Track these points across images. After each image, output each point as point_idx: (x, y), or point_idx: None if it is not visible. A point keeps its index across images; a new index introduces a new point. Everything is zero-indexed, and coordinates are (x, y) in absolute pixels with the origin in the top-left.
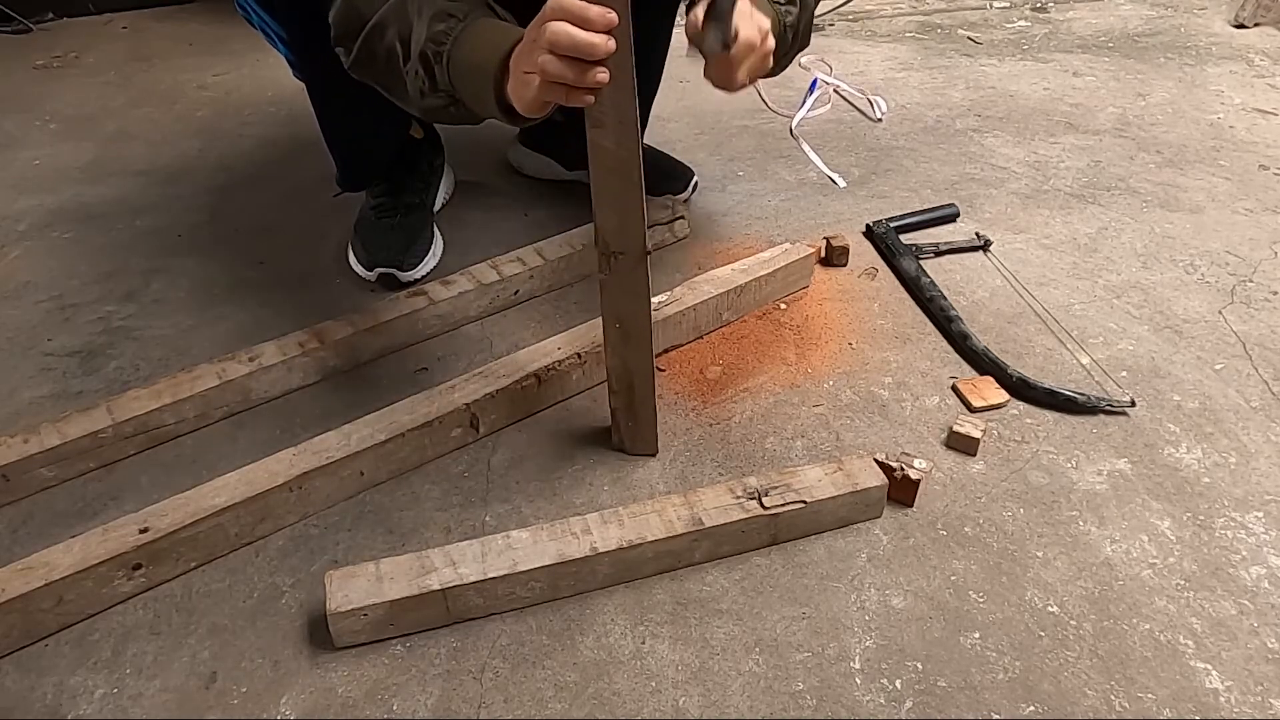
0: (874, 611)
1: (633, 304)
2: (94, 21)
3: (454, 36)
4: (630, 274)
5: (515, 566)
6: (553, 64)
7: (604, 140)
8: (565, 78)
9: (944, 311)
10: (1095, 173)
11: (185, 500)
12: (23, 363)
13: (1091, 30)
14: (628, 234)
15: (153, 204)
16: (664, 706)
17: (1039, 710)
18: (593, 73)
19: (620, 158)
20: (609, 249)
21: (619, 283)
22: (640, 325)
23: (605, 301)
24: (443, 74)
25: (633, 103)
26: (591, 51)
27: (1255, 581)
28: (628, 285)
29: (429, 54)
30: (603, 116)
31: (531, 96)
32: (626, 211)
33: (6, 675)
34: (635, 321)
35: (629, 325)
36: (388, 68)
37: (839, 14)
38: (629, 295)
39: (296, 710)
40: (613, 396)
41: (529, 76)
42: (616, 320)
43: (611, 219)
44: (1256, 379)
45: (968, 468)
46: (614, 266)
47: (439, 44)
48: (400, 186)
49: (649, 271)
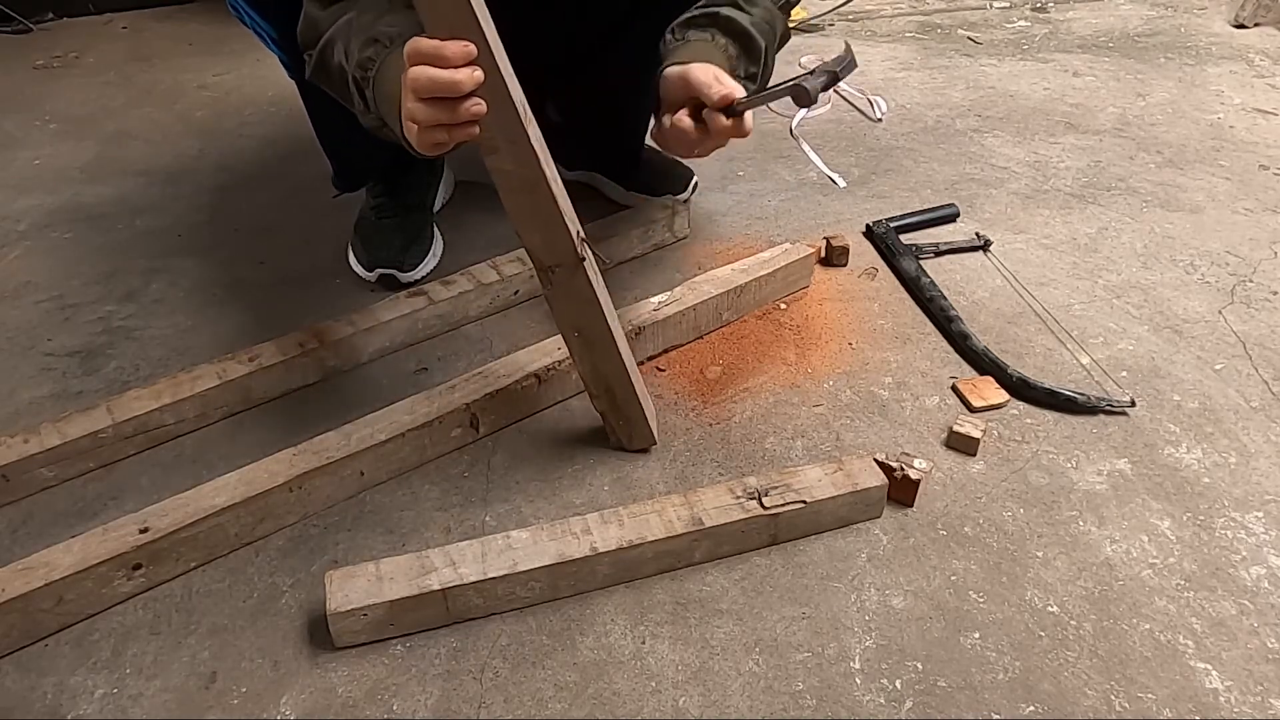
0: (874, 611)
1: (585, 311)
2: (94, 21)
3: (377, 64)
4: (571, 284)
5: (515, 566)
6: (420, 110)
7: (503, 164)
8: (439, 120)
9: (944, 311)
10: (1095, 173)
11: (185, 500)
12: (23, 363)
13: (1091, 30)
14: (555, 247)
15: (153, 204)
16: (664, 706)
17: (1039, 710)
18: (465, 106)
19: (524, 176)
20: (542, 265)
21: (564, 294)
22: (599, 330)
23: (556, 315)
24: (371, 99)
25: (518, 118)
26: (456, 89)
27: (1255, 581)
28: (574, 294)
29: (358, 79)
30: (493, 142)
31: (415, 142)
32: (547, 226)
33: (6, 675)
34: (593, 327)
35: (588, 333)
36: (340, 83)
37: (839, 14)
38: (578, 304)
39: (296, 710)
40: (596, 401)
41: (409, 124)
42: (575, 330)
43: (534, 236)
44: (1256, 379)
45: (968, 468)
46: (554, 280)
47: (364, 70)
48: (400, 187)
49: (592, 276)
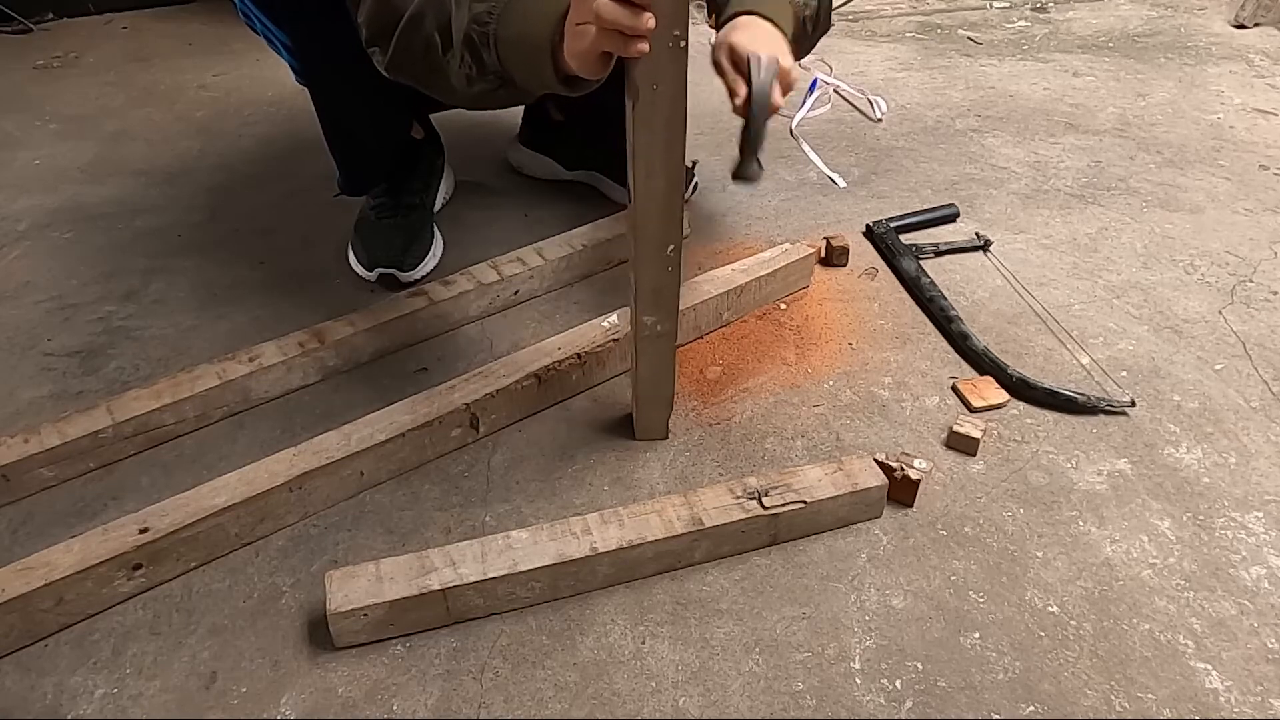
0: (874, 611)
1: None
2: (94, 21)
3: (498, 14)
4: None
5: (515, 566)
6: (609, 9)
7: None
8: (621, 24)
9: (944, 311)
10: (1095, 173)
11: (185, 500)
12: (23, 363)
13: (1091, 30)
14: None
15: (153, 204)
16: (664, 706)
17: (1039, 710)
18: (644, 17)
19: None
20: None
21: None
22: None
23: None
24: (490, 55)
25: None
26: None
27: (1255, 581)
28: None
29: (474, 36)
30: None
31: (586, 48)
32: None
33: (6, 675)
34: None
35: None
36: (426, 61)
37: (839, 14)
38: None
39: (296, 710)
40: (640, 380)
41: (583, 27)
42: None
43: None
44: (1256, 379)
45: (968, 468)
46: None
47: (483, 24)
48: (400, 187)
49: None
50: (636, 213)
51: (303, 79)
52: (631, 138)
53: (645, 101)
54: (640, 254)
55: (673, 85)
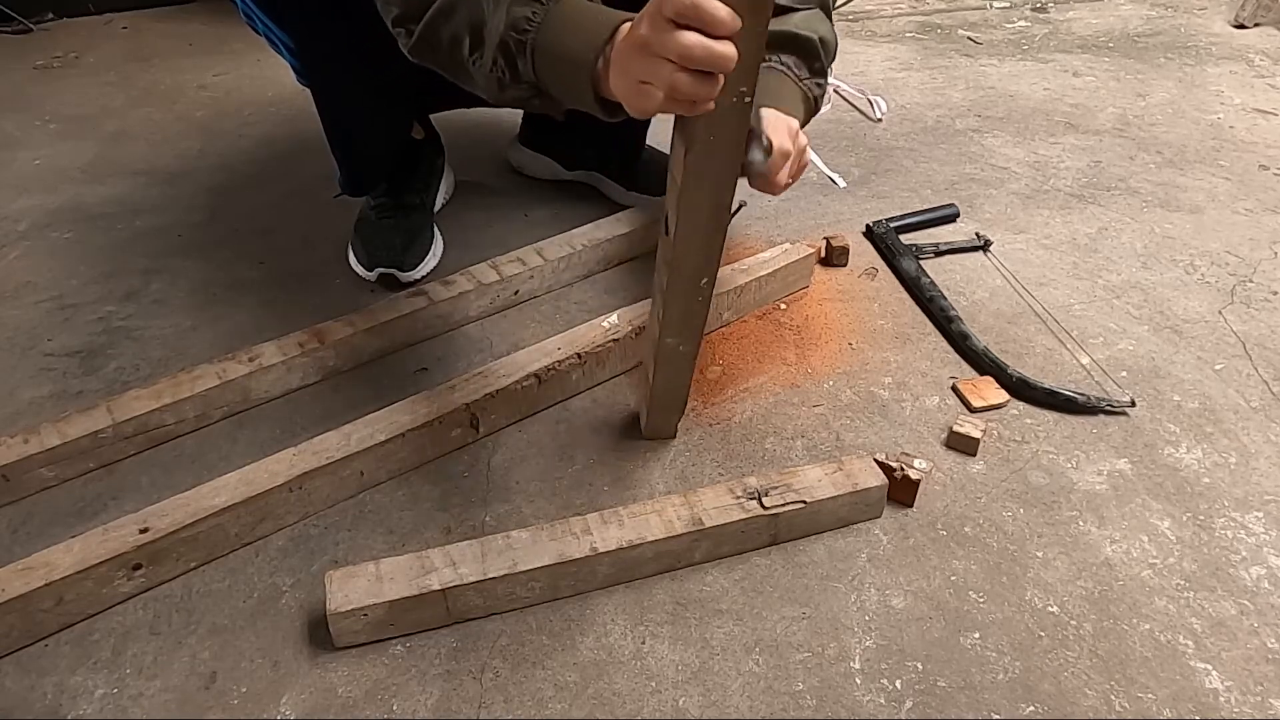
0: (874, 611)
1: (697, 317)
2: (94, 21)
3: (538, 23)
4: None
5: (515, 566)
6: (686, 83)
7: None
8: (697, 96)
9: (944, 311)
10: (1095, 173)
11: (185, 500)
12: (23, 363)
13: (1091, 30)
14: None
15: (153, 204)
16: (664, 706)
17: (1039, 710)
18: (715, 83)
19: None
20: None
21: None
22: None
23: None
24: (526, 65)
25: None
26: (725, 65)
27: (1255, 581)
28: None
29: (509, 43)
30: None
31: (650, 108)
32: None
33: (6, 675)
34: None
35: (694, 331)
36: (450, 55)
37: (839, 14)
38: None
39: (296, 710)
40: (656, 373)
41: (646, 88)
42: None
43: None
44: (1256, 379)
45: (968, 468)
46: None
47: (521, 32)
48: (400, 187)
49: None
50: (675, 249)
51: (304, 79)
52: (679, 178)
53: (699, 153)
54: (673, 285)
55: (732, 136)
